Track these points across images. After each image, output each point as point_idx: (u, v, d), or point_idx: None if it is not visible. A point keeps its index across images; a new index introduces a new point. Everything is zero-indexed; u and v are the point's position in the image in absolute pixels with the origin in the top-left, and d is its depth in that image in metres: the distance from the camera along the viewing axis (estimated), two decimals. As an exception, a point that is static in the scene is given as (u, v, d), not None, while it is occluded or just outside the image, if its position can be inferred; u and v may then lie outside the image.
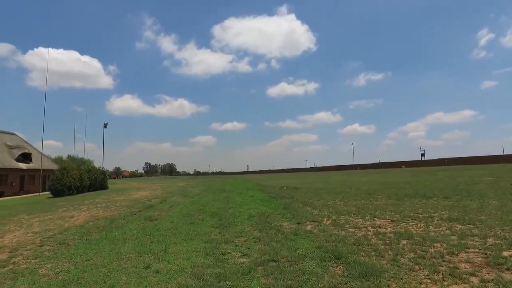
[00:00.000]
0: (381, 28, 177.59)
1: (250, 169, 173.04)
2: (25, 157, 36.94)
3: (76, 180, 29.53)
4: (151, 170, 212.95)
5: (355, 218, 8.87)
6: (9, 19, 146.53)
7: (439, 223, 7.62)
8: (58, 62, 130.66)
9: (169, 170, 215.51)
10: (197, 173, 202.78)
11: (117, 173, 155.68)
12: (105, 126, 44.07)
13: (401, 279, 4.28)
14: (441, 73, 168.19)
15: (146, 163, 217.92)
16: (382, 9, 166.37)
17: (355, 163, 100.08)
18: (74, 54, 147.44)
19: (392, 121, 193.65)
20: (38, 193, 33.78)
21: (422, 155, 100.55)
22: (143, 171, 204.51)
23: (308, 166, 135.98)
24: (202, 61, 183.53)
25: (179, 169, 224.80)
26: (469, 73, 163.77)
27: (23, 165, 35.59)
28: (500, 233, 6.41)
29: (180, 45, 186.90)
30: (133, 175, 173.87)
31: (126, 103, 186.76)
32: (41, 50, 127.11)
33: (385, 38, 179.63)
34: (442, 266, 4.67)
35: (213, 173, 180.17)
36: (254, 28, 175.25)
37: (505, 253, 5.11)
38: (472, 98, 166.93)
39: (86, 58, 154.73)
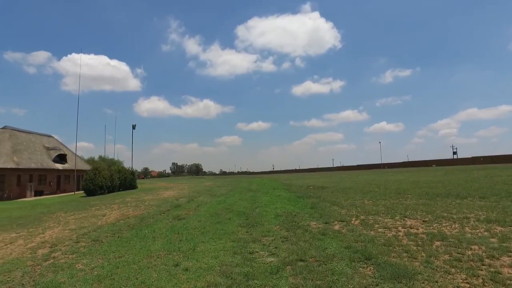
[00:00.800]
0: (409, 21, 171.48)
1: (275, 169, 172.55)
2: (61, 158, 38.78)
3: (107, 180, 30.66)
4: (178, 170, 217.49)
5: (385, 218, 8.62)
6: (46, 28, 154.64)
7: (476, 225, 7.24)
8: (90, 67, 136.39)
9: (196, 170, 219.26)
10: (223, 173, 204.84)
11: (145, 173, 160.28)
12: (133, 127, 45.49)
13: (436, 282, 4.11)
14: (475, 67, 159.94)
15: (173, 164, 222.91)
16: (409, 1, 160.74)
17: (382, 162, 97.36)
18: (104, 59, 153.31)
19: (421, 119, 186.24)
20: (73, 192, 35.37)
21: (454, 153, 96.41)
22: (170, 171, 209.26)
23: (334, 166, 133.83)
24: (227, 62, 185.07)
25: (205, 169, 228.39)
26: (507, 66, 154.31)
27: (59, 166, 37.41)
28: (544, 235, 6.03)
29: (204, 46, 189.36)
30: (161, 175, 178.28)
31: (153, 105, 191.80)
32: (74, 56, 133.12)
33: (413, 32, 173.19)
34: (482, 270, 4.44)
35: (239, 173, 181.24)
36: (277, 27, 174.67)
37: (551, 257, 4.80)
38: (510, 92, 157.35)
39: (115, 62, 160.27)
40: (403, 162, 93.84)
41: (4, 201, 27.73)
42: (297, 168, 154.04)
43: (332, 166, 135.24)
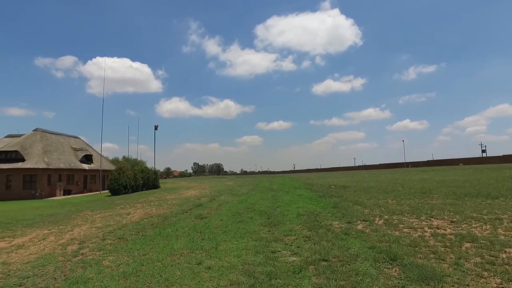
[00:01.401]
0: (432, 15, 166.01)
1: (296, 168, 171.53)
2: (87, 159, 40.17)
3: (131, 179, 31.46)
4: (199, 170, 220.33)
5: (410, 218, 8.39)
6: (72, 34, 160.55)
7: (510, 226, 6.91)
8: (113, 70, 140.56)
9: (217, 170, 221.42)
10: (244, 173, 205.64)
11: (168, 173, 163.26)
12: (156, 128, 46.39)
13: (467, 285, 3.96)
14: (506, 61, 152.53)
15: (195, 163, 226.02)
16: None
17: (406, 161, 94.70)
18: (126, 61, 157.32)
19: (446, 116, 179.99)
20: (99, 192, 36.56)
21: (483, 151, 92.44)
22: (191, 171, 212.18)
23: (356, 165, 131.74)
24: (246, 62, 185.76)
25: (226, 168, 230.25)
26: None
27: (85, 166, 38.75)
28: None
29: (224, 46, 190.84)
30: (182, 175, 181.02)
31: (175, 106, 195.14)
32: (99, 59, 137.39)
33: (437, 27, 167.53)
34: (518, 274, 4.23)
35: (259, 173, 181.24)
36: (297, 26, 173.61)
37: None
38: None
39: (137, 65, 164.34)
40: (427, 161, 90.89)
41: (36, 199, 29.02)
42: (318, 167, 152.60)
43: (353, 165, 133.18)
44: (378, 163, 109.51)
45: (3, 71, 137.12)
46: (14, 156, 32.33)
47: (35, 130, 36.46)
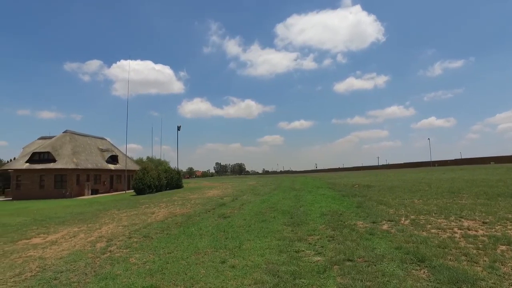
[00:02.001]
0: (459, 7, 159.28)
1: (318, 168, 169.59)
2: (113, 159, 41.44)
3: (155, 179, 32.14)
4: (221, 170, 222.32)
5: (437, 218, 8.11)
6: (97, 39, 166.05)
7: (545, 227, 6.56)
8: (136, 72, 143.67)
9: (239, 170, 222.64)
10: (266, 172, 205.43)
11: (190, 173, 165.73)
12: (178, 128, 47.19)
13: (503, 289, 3.78)
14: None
15: (217, 163, 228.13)
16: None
17: (432, 160, 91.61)
18: (149, 64, 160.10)
19: (476, 113, 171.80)
20: (124, 191, 37.62)
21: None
22: (214, 171, 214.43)
23: (380, 164, 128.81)
24: (267, 61, 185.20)
25: (248, 168, 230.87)
26: None
27: (112, 166, 40.01)
28: None
29: (244, 46, 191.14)
30: (205, 174, 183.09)
31: (196, 106, 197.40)
32: (123, 62, 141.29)
33: (464, 19, 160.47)
34: (560, 279, 3.99)
35: (281, 172, 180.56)
36: (317, 23, 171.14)
37: None
38: None
39: (159, 67, 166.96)
40: (455, 160, 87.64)
41: (66, 198, 30.25)
42: (340, 166, 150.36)
43: (377, 164, 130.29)
44: (402, 162, 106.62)
45: (35, 77, 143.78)
46: (47, 157, 33.83)
47: (65, 132, 37.98)
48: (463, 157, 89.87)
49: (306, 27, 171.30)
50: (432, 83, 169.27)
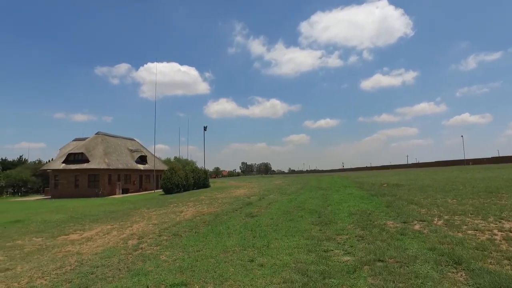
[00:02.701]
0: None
1: (345, 167, 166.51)
2: (142, 159, 42.74)
3: (183, 179, 32.81)
4: (247, 170, 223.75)
5: (474, 219, 7.73)
6: (126, 43, 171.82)
7: None
8: (163, 74, 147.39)
9: (265, 169, 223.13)
10: (292, 172, 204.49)
11: (217, 173, 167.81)
12: (205, 129, 47.89)
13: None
14: None
15: (243, 163, 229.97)
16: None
17: (466, 158, 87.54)
18: (175, 66, 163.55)
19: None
20: (153, 190, 38.67)
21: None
22: (240, 171, 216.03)
23: (409, 162, 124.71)
24: (291, 60, 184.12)
25: (274, 168, 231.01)
26: None
27: (141, 166, 41.27)
28: None
29: (269, 46, 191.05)
30: (231, 174, 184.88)
31: (222, 106, 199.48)
32: (150, 65, 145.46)
33: (501, 7, 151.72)
34: None
35: (307, 171, 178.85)
36: (342, 20, 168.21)
37: None
38: None
39: (185, 68, 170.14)
40: (492, 158, 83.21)
41: (99, 197, 31.53)
42: (368, 165, 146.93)
43: (406, 163, 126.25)
44: (433, 161, 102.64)
45: (69, 82, 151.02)
46: (81, 157, 35.41)
47: (97, 133, 39.58)
48: (500, 155, 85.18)
49: (330, 24, 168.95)
50: (465, 77, 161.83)
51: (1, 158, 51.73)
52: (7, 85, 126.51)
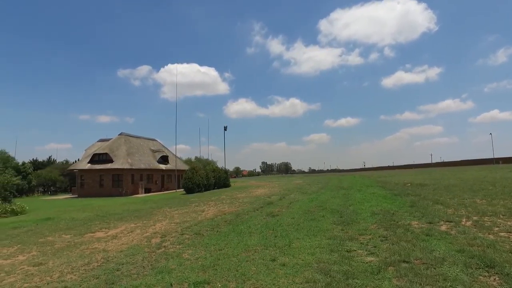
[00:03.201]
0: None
1: (366, 166, 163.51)
2: (164, 159, 43.57)
3: (204, 178, 33.19)
4: (267, 169, 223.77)
5: (507, 221, 7.38)
6: (147, 45, 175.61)
7: None
8: (183, 75, 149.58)
9: (285, 169, 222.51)
10: (312, 171, 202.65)
11: (237, 173, 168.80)
12: (225, 129, 48.22)
13: None
14: None
15: (263, 163, 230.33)
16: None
17: (495, 157, 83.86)
18: (195, 67, 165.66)
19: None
20: (174, 190, 39.33)
21: None
22: (260, 170, 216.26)
23: (433, 161, 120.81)
24: (311, 58, 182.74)
25: (294, 167, 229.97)
26: None
27: (162, 166, 42.08)
28: None
29: (288, 45, 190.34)
30: (251, 174, 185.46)
31: (242, 106, 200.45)
32: (170, 66, 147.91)
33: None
34: None
35: (328, 171, 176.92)
36: (362, 17, 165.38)
37: None
38: None
39: (204, 69, 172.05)
40: (524, 156, 79.35)
41: (123, 196, 32.38)
42: (390, 165, 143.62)
43: (430, 162, 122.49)
44: (459, 160, 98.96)
45: (93, 84, 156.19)
46: (105, 158, 36.50)
47: (120, 134, 40.67)
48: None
49: (350, 21, 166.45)
50: (494, 72, 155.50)
51: (32, 159, 54.08)
52: (37, 90, 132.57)
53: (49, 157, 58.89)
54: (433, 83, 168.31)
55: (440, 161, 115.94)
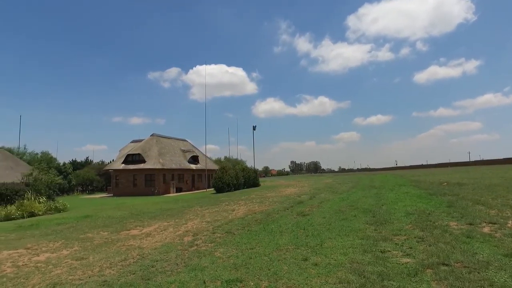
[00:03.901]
0: None
1: (398, 165, 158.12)
2: (194, 159, 44.50)
3: (233, 178, 33.49)
4: (296, 168, 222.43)
5: (558, 222, 6.87)
6: (176, 48, 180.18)
7: None
8: (211, 76, 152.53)
9: (314, 168, 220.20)
10: (342, 170, 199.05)
11: (266, 172, 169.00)
12: (254, 128, 48.44)
13: None
14: None
15: (292, 162, 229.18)
16: None
17: (542, 154, 78.17)
18: (223, 67, 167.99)
19: None
20: (205, 189, 40.03)
21: None
22: (289, 170, 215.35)
23: (472, 160, 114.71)
24: (339, 56, 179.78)
25: (323, 166, 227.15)
26: None
27: (193, 166, 42.99)
28: None
29: (315, 42, 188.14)
30: (280, 173, 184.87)
31: (270, 106, 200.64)
32: (198, 68, 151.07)
33: None
34: None
35: (358, 170, 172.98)
36: (392, 10, 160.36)
37: None
38: None
39: (232, 69, 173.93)
40: None
41: (155, 195, 33.40)
42: (424, 163, 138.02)
43: (468, 160, 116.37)
44: (502, 158, 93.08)
45: (125, 87, 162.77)
46: (138, 158, 37.83)
47: (152, 135, 41.99)
48: None
49: (379, 16, 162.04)
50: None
51: (72, 160, 57.25)
52: (74, 94, 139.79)
53: (87, 157, 62.11)
54: (470, 77, 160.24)
55: (479, 159, 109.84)
